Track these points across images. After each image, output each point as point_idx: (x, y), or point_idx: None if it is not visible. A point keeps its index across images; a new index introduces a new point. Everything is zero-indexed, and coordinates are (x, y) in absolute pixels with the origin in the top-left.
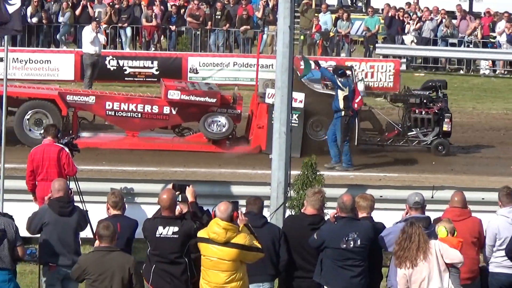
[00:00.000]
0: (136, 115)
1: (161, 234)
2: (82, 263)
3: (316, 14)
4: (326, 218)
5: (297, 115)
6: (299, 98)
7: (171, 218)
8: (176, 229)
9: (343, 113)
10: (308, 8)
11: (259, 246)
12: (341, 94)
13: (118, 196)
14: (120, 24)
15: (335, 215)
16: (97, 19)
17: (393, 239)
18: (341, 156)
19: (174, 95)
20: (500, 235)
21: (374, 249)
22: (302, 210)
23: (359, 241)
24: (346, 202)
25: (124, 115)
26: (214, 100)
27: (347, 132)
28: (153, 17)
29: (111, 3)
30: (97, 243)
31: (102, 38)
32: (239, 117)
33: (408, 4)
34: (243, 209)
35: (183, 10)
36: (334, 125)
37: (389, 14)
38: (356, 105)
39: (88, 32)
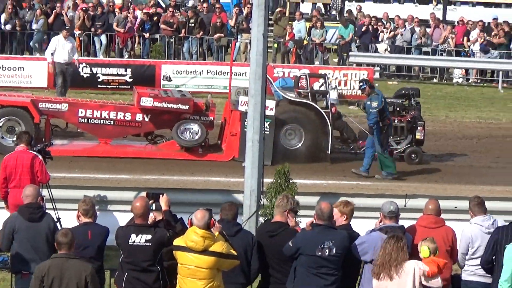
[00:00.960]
0: (109, 122)
1: (134, 242)
2: (38, 273)
3: (290, 22)
4: (301, 226)
5: (268, 122)
6: (270, 106)
7: (144, 226)
8: (149, 237)
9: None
10: (282, 16)
11: (235, 253)
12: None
13: (89, 204)
14: (93, 31)
15: (312, 223)
16: (67, 27)
17: (367, 248)
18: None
19: (147, 102)
20: (473, 244)
21: (351, 258)
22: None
23: (334, 249)
24: (324, 209)
25: (97, 122)
26: (187, 107)
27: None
28: (127, 23)
29: (84, 8)
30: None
31: (69, 45)
32: (212, 124)
33: (385, 13)
34: (217, 217)
35: (156, 17)
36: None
37: (363, 23)
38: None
39: (55, 41)
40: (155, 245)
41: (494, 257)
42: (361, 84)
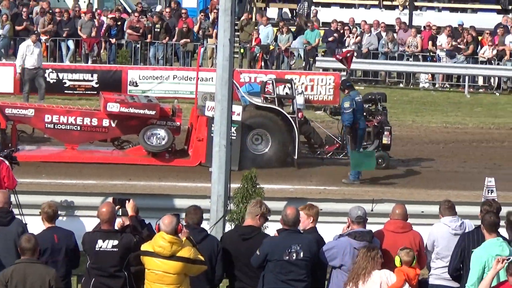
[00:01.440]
0: (76, 128)
1: (101, 247)
2: (1, 279)
3: (256, 28)
4: (267, 231)
5: (235, 128)
6: (236, 111)
7: (110, 232)
8: (115, 242)
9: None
10: (248, 22)
11: (203, 258)
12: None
13: (52, 207)
14: (60, 37)
15: (278, 229)
16: (36, 32)
17: (336, 254)
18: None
19: (113, 107)
20: (437, 243)
21: (319, 263)
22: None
23: (302, 253)
24: (289, 215)
25: (64, 128)
26: (153, 113)
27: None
28: (92, 28)
29: (50, 11)
30: None
31: (37, 50)
32: (179, 129)
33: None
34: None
35: (120, 22)
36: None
37: (331, 28)
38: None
39: (24, 47)
40: (122, 250)
41: (462, 265)
42: (347, 83)
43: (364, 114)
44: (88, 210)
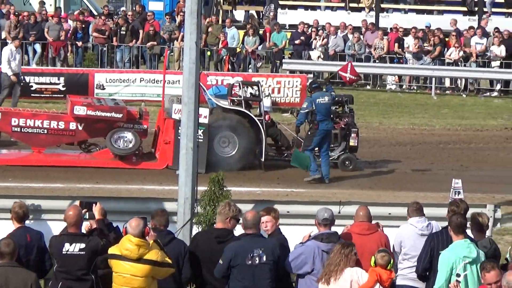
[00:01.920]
0: (42, 131)
1: (68, 251)
2: None
3: (222, 30)
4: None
5: (202, 130)
6: (203, 114)
7: (77, 235)
8: (82, 245)
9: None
10: (213, 24)
11: (170, 261)
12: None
13: (23, 208)
14: (28, 40)
15: (239, 234)
16: (18, 37)
17: (306, 259)
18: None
19: (80, 110)
20: (404, 243)
21: (283, 269)
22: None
23: (264, 257)
24: (248, 218)
25: (30, 131)
26: (120, 116)
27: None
28: (60, 31)
29: (16, 13)
30: None
31: (18, 56)
32: (146, 132)
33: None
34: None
35: (84, 25)
36: None
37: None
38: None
39: (8, 51)
40: (89, 253)
41: (430, 264)
42: (314, 84)
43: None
44: (55, 214)
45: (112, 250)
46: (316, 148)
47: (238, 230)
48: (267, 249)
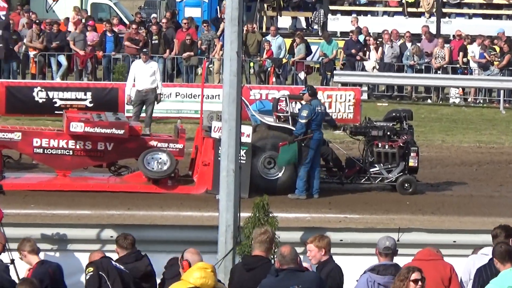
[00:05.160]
0: (67, 152)
1: None
2: None
3: (264, 38)
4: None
5: (244, 150)
6: (246, 132)
7: None
8: None
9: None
10: (249, 32)
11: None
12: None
13: (32, 240)
14: (50, 50)
15: (276, 268)
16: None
17: None
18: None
19: (77, 127)
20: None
21: None
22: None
23: None
24: (284, 253)
25: (54, 152)
26: (121, 132)
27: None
28: (86, 41)
29: (37, 21)
30: None
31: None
32: (182, 152)
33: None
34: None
35: (113, 35)
36: None
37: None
38: None
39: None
40: None
41: None
42: (304, 89)
43: (381, 136)
44: (82, 244)
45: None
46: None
47: None
48: (305, 284)
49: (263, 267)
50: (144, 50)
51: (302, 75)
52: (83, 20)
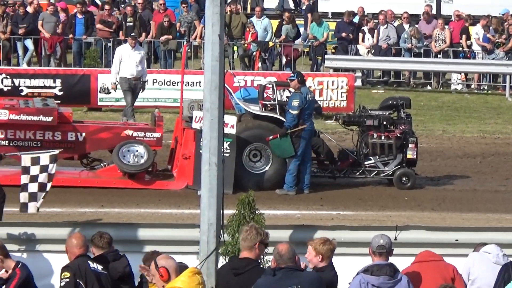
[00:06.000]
0: (35, 144)
1: None
2: None
3: (248, 21)
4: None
5: (228, 142)
6: (230, 122)
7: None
8: None
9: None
10: (234, 13)
11: None
12: None
13: (1, 241)
14: (17, 34)
15: (273, 267)
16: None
17: None
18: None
19: (1, 115)
20: (473, 272)
21: None
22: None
23: None
24: (282, 251)
25: (21, 144)
26: (50, 119)
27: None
28: (55, 23)
29: (2, 2)
30: None
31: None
32: (160, 142)
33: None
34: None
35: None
36: None
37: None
38: None
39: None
40: None
41: None
42: (292, 75)
43: (377, 126)
44: (52, 244)
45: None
46: None
47: None
48: (304, 284)
49: (253, 272)
50: (132, 34)
51: (283, 59)
52: (52, 0)
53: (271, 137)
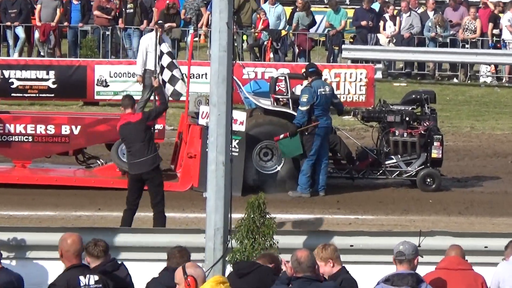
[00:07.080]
0: (27, 139)
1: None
2: None
3: (259, 8)
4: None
5: (237, 140)
6: (239, 119)
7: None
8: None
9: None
10: (245, 1)
11: None
12: None
13: None
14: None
15: (291, 276)
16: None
17: None
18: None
19: None
20: (504, 285)
21: None
22: None
23: None
24: (301, 259)
25: (11, 139)
26: None
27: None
28: (55, 8)
29: None
30: None
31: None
32: (162, 134)
33: None
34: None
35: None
36: None
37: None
38: None
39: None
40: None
41: None
42: (311, 68)
43: (399, 122)
44: (44, 251)
45: None
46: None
47: None
48: None
49: (258, 272)
50: (160, 22)
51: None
52: None
53: (281, 136)
